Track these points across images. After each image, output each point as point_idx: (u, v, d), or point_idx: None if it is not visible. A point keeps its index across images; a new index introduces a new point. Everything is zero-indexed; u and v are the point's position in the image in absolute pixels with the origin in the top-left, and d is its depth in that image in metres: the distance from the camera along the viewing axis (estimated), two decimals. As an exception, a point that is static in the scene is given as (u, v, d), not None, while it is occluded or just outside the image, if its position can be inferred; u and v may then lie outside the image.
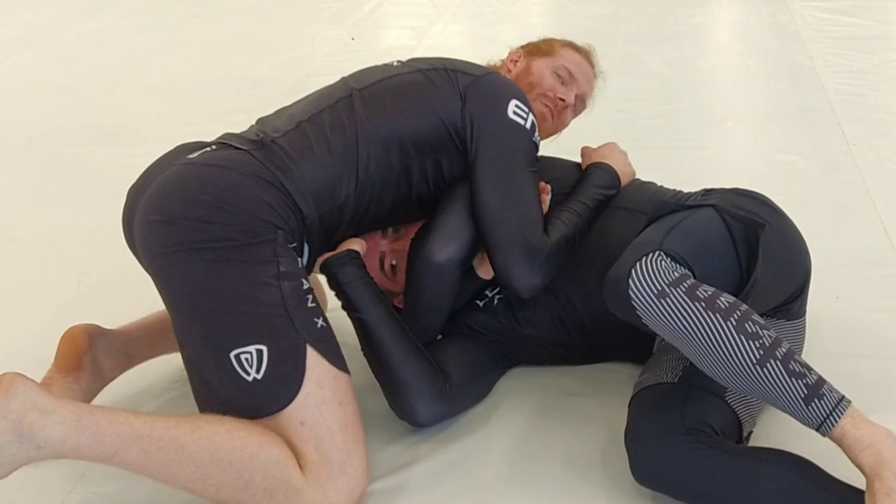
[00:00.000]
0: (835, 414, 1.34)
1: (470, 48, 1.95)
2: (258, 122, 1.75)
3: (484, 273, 1.77)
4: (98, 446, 1.34)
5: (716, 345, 1.37)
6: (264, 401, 1.45)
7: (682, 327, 1.38)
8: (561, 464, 1.63)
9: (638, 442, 1.48)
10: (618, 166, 1.86)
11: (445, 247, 1.66)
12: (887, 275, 2.18)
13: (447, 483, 1.60)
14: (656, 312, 1.38)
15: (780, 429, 1.61)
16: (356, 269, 1.67)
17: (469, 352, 1.78)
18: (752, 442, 1.59)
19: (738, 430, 1.53)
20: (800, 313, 1.74)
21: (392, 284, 1.81)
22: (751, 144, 3.08)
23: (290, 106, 1.78)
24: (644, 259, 1.41)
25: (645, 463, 1.47)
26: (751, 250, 1.55)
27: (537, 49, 2.00)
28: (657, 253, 1.43)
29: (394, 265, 1.79)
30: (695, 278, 1.42)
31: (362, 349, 1.68)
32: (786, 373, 1.35)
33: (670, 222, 1.57)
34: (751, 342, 1.36)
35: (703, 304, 1.38)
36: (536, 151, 1.75)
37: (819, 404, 1.35)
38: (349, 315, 1.68)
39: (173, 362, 1.75)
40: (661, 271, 1.40)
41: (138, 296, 1.63)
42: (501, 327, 1.82)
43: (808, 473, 1.41)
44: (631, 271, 1.40)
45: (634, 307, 1.40)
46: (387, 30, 4.55)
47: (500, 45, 2.05)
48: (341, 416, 1.47)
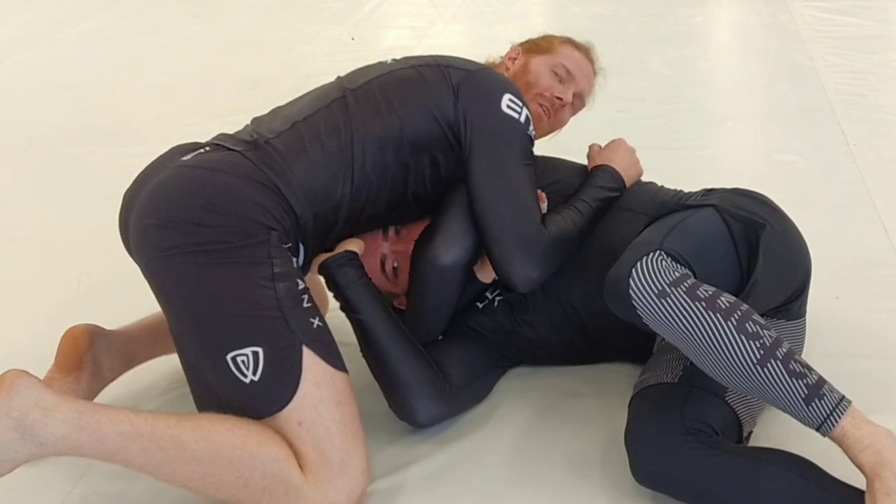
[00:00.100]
0: (835, 414, 1.34)
1: (470, 48, 1.94)
2: (253, 122, 1.75)
3: (483, 276, 1.77)
4: (99, 444, 1.35)
5: (716, 345, 1.37)
6: (262, 402, 1.45)
7: (683, 327, 1.38)
8: (561, 464, 1.63)
9: (638, 442, 1.48)
10: (622, 168, 1.85)
11: (450, 249, 1.66)
12: (887, 275, 2.18)
13: (447, 483, 1.60)
14: (657, 312, 1.38)
15: (780, 429, 1.61)
16: (354, 271, 1.67)
17: (469, 352, 1.77)
18: (752, 442, 1.59)
19: (738, 430, 1.53)
20: (800, 313, 1.74)
21: (392, 286, 1.81)
22: (751, 144, 3.08)
23: (284, 106, 1.77)
24: (645, 259, 1.41)
25: (645, 463, 1.47)
26: (751, 250, 1.55)
27: (536, 46, 1.99)
28: (658, 252, 1.43)
29: (395, 267, 1.78)
30: (695, 278, 1.42)
31: (361, 350, 1.68)
32: (786, 373, 1.35)
33: (671, 222, 1.57)
34: (751, 342, 1.36)
35: (703, 303, 1.38)
36: (531, 145, 1.74)
37: (819, 404, 1.35)
38: (348, 316, 1.68)
39: (173, 362, 1.74)
40: (662, 271, 1.40)
41: (138, 296, 1.63)
42: (502, 329, 1.81)
43: (808, 473, 1.41)
44: (632, 271, 1.40)
45: (635, 307, 1.40)
46: (387, 30, 4.55)
47: (500, 46, 2.04)
48: (340, 416, 1.47)
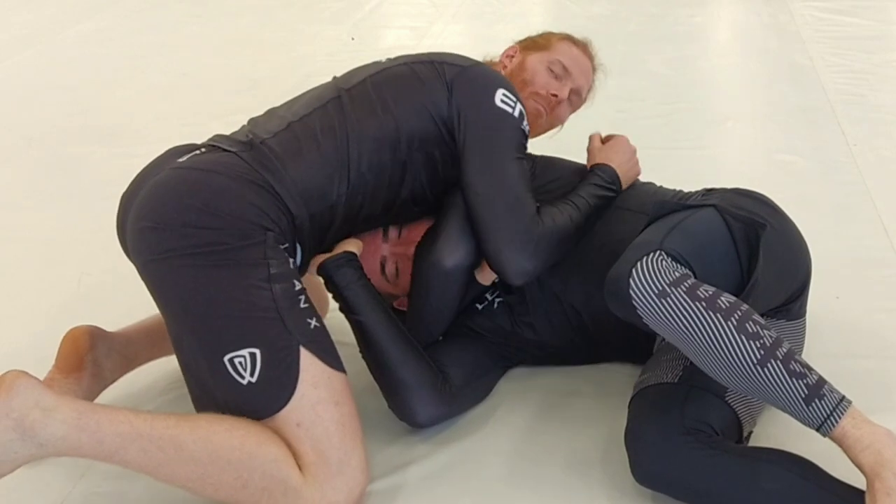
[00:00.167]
0: (835, 414, 1.34)
1: (470, 48, 1.93)
2: (249, 123, 1.75)
3: (483, 278, 1.77)
4: (98, 445, 1.35)
5: (716, 345, 1.37)
6: (260, 404, 1.45)
7: (683, 327, 1.38)
8: (561, 464, 1.63)
9: (638, 442, 1.48)
10: (621, 167, 1.84)
11: (454, 253, 1.65)
12: (887, 275, 2.18)
13: (446, 484, 1.60)
14: (657, 312, 1.38)
15: (780, 429, 1.61)
16: (353, 272, 1.67)
17: (469, 353, 1.77)
18: (752, 442, 1.59)
19: (738, 430, 1.53)
20: (800, 313, 1.74)
21: (392, 288, 1.80)
22: (751, 144, 3.08)
23: (280, 107, 1.77)
24: (645, 259, 1.41)
25: (645, 463, 1.47)
26: (751, 250, 1.55)
27: (533, 44, 1.98)
28: (658, 253, 1.43)
29: (396, 269, 1.78)
30: (695, 278, 1.42)
31: (361, 351, 1.68)
32: (786, 373, 1.35)
33: (671, 222, 1.57)
34: (751, 342, 1.36)
35: (703, 303, 1.38)
36: (525, 140, 1.73)
37: (819, 404, 1.35)
38: (347, 317, 1.67)
39: (172, 363, 1.74)
40: (662, 271, 1.40)
41: (138, 296, 1.62)
42: (501, 330, 1.81)
43: (808, 473, 1.41)
44: (632, 271, 1.40)
45: (635, 307, 1.40)
46: (387, 30, 4.55)
47: (500, 46, 2.04)
48: (338, 416, 1.47)
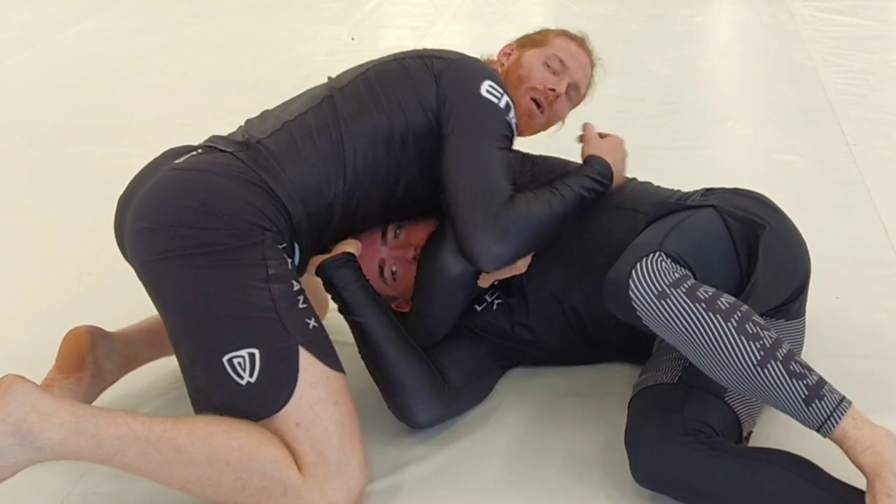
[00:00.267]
0: (835, 415, 1.34)
1: (470, 48, 1.93)
2: (246, 124, 1.75)
3: (481, 281, 1.76)
4: (97, 448, 1.35)
5: (716, 346, 1.36)
6: (259, 404, 1.45)
7: (683, 328, 1.38)
8: (560, 465, 1.63)
9: (638, 443, 1.48)
10: (613, 164, 1.81)
11: (460, 259, 1.64)
12: (887, 275, 2.18)
13: (446, 484, 1.60)
14: (657, 313, 1.38)
15: (780, 429, 1.61)
16: (352, 272, 1.67)
17: (468, 353, 1.77)
18: (752, 442, 1.59)
19: (737, 431, 1.53)
20: (799, 313, 1.74)
21: (390, 290, 1.80)
22: (751, 144, 3.08)
23: (276, 108, 1.78)
24: (644, 260, 1.41)
25: (645, 464, 1.47)
26: (751, 251, 1.55)
27: (530, 40, 1.97)
28: (657, 253, 1.42)
29: (394, 272, 1.78)
30: (695, 279, 1.42)
31: (359, 351, 1.68)
32: (786, 374, 1.35)
33: (670, 223, 1.57)
34: (751, 343, 1.36)
35: (703, 304, 1.37)
36: (511, 132, 1.72)
37: (820, 405, 1.34)
38: (346, 318, 1.67)
39: (172, 363, 1.74)
40: (662, 272, 1.40)
41: (138, 296, 1.62)
42: (501, 331, 1.81)
43: (808, 473, 1.41)
44: (631, 272, 1.40)
45: (635, 308, 1.40)
46: (387, 30, 4.55)
47: (500, 45, 2.03)
48: (337, 416, 1.47)
